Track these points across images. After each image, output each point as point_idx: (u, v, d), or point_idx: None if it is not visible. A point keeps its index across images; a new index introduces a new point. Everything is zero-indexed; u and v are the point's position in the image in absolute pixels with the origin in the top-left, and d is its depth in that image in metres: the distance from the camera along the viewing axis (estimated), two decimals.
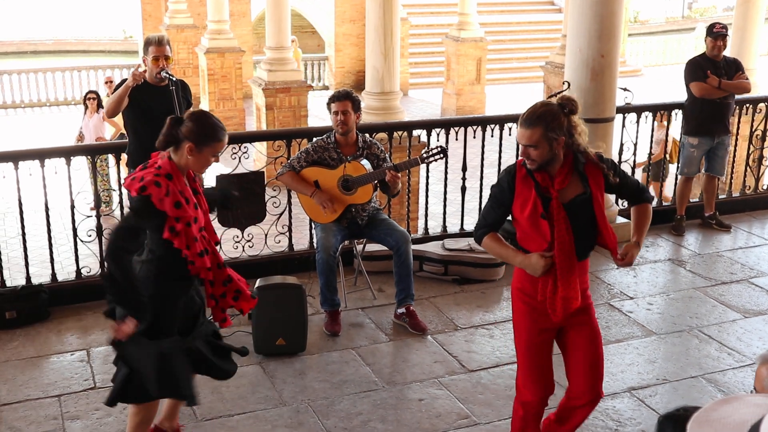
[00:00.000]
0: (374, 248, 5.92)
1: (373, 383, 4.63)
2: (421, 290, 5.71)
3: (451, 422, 4.26)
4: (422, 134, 7.16)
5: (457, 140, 6.44)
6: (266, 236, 6.13)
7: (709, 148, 7.01)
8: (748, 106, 7.63)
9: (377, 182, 5.28)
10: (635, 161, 7.25)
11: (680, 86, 7.16)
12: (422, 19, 21.37)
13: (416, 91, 19.84)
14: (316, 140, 5.45)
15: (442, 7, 21.74)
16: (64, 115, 18.13)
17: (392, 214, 6.44)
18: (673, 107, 7.28)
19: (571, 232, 3.36)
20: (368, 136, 5.61)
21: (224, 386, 4.50)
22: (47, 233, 5.58)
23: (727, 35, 6.93)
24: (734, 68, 6.93)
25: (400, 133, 6.83)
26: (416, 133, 7.31)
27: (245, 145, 6.20)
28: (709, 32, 6.94)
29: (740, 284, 6.06)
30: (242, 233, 5.97)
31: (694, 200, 7.50)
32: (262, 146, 9.45)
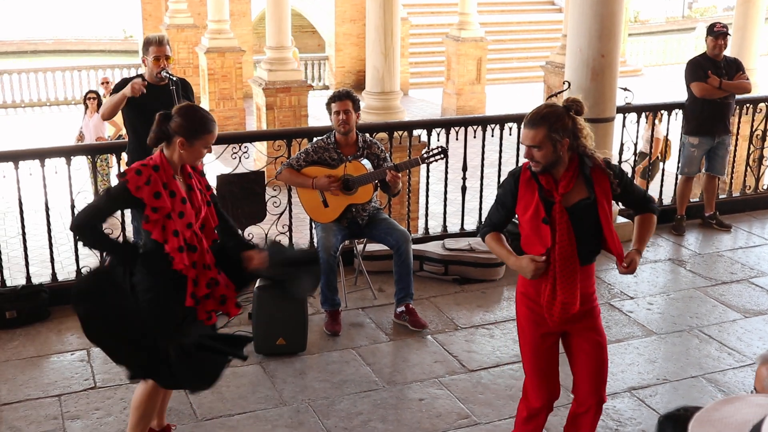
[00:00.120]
0: (374, 248, 5.92)
1: (373, 383, 4.63)
2: (421, 290, 5.71)
3: (451, 422, 4.26)
4: (422, 134, 7.16)
5: (457, 140, 6.44)
6: (266, 236, 6.11)
7: (709, 147, 7.01)
8: (748, 106, 7.63)
9: (378, 182, 5.28)
10: (636, 161, 7.25)
11: (680, 86, 7.16)
12: (422, 18, 21.37)
13: (416, 90, 19.85)
14: (316, 140, 5.45)
15: (442, 6, 21.74)
16: (64, 114, 18.13)
17: (392, 213, 6.43)
18: (673, 107, 7.27)
19: (573, 236, 3.33)
20: (368, 135, 5.60)
21: (224, 386, 4.50)
22: (47, 233, 5.58)
23: (728, 34, 6.93)
24: (735, 68, 6.93)
25: (400, 132, 6.83)
26: (416, 132, 7.31)
27: (245, 144, 6.20)
28: (709, 32, 6.94)
29: (740, 284, 6.06)
30: (242, 233, 5.96)
31: (694, 200, 7.50)
32: (262, 146, 9.45)
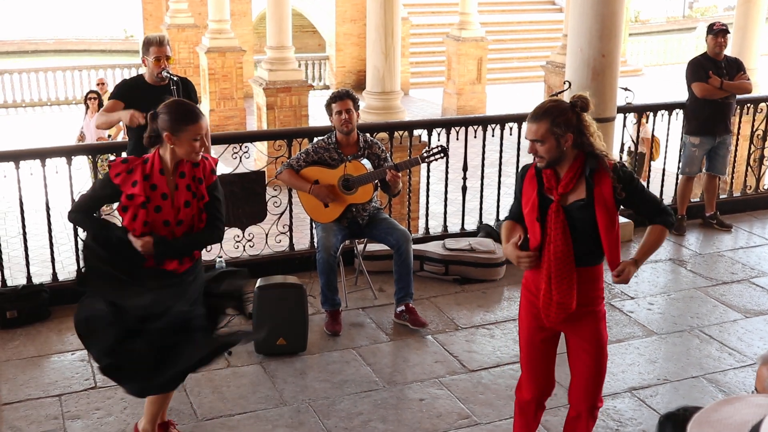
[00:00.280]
0: (375, 248, 5.92)
1: (373, 383, 4.63)
2: (421, 290, 5.71)
3: (451, 422, 4.26)
4: (423, 134, 7.16)
5: (458, 140, 6.44)
6: (267, 236, 6.13)
7: (710, 147, 7.01)
8: (749, 105, 7.62)
9: (378, 182, 5.27)
10: (636, 161, 7.24)
11: (681, 86, 7.15)
12: (423, 18, 21.37)
13: (417, 90, 19.85)
14: (316, 141, 5.44)
15: (443, 6, 21.73)
16: (65, 114, 18.13)
17: (393, 213, 6.43)
18: (674, 107, 7.27)
19: (569, 237, 3.29)
20: (369, 135, 5.60)
21: (225, 386, 4.51)
22: (48, 233, 5.58)
23: (727, 32, 6.93)
24: (735, 68, 6.93)
25: (400, 132, 6.82)
26: (417, 132, 7.31)
27: (246, 144, 6.20)
28: (709, 30, 6.97)
29: (741, 284, 6.06)
30: (243, 233, 5.97)
31: (694, 200, 7.49)
32: (262, 146, 9.44)
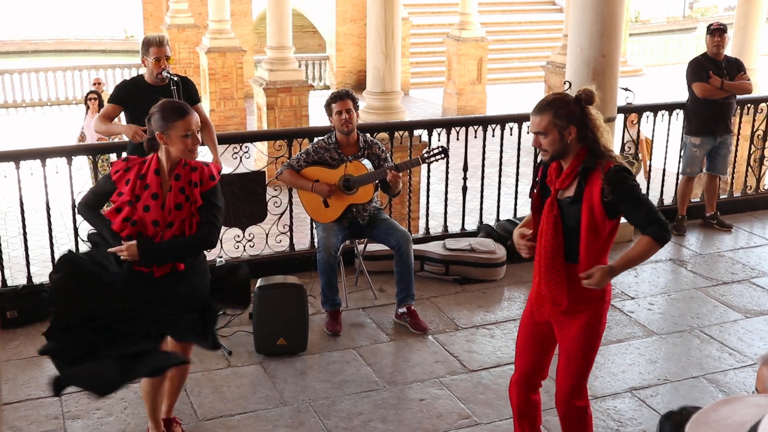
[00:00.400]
0: (375, 248, 5.92)
1: (374, 383, 4.63)
2: (422, 290, 5.71)
3: (452, 422, 4.26)
4: (423, 134, 7.16)
5: (458, 140, 6.44)
6: (267, 236, 6.13)
7: (711, 147, 7.01)
8: (749, 106, 7.62)
9: (378, 182, 5.27)
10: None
11: (681, 86, 7.16)
12: (423, 18, 21.37)
13: (417, 90, 19.84)
14: (316, 141, 5.45)
15: (443, 6, 21.73)
16: (65, 114, 18.12)
17: (393, 213, 6.43)
18: (674, 107, 7.27)
19: (560, 231, 3.28)
20: (369, 135, 5.60)
21: (225, 386, 4.51)
22: (48, 233, 5.58)
23: (724, 31, 6.95)
24: (736, 68, 6.94)
25: (401, 132, 6.82)
26: (417, 132, 7.31)
27: (246, 144, 6.20)
28: (707, 30, 7.02)
29: (741, 284, 6.06)
30: (243, 233, 5.97)
31: (695, 200, 7.49)
32: (263, 146, 9.43)
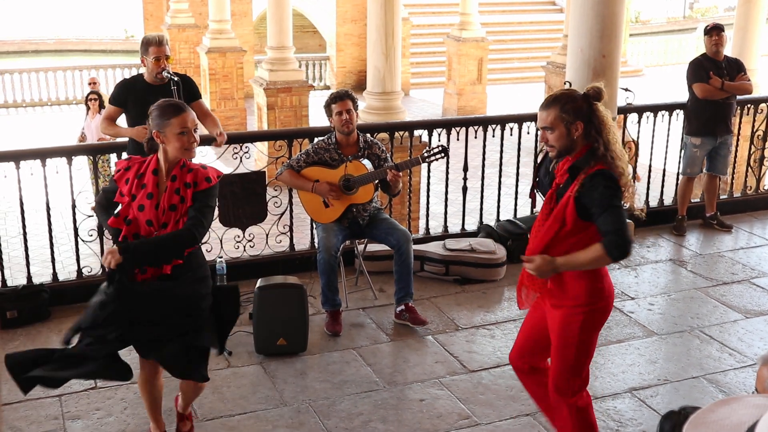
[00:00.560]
0: (375, 248, 5.92)
1: (374, 383, 4.63)
2: (422, 290, 5.71)
3: (452, 422, 4.26)
4: (423, 134, 7.16)
5: (458, 140, 6.44)
6: (267, 236, 6.13)
7: (711, 147, 7.01)
8: (749, 106, 7.62)
9: (378, 182, 5.27)
10: (636, 162, 7.23)
11: (682, 86, 7.16)
12: (424, 18, 21.37)
13: (417, 91, 19.84)
14: (316, 141, 5.45)
15: (443, 6, 21.73)
16: (65, 114, 18.13)
17: (393, 213, 6.43)
18: (674, 107, 7.27)
19: (549, 223, 3.32)
20: (369, 135, 5.60)
21: (225, 386, 4.51)
22: (48, 233, 5.58)
23: (722, 30, 6.95)
24: (736, 68, 6.94)
25: (401, 133, 6.83)
26: (417, 133, 7.31)
27: (246, 145, 6.20)
28: (704, 32, 7.03)
29: (741, 285, 6.06)
30: (243, 233, 5.97)
31: (695, 200, 7.49)
32: (263, 146, 9.42)
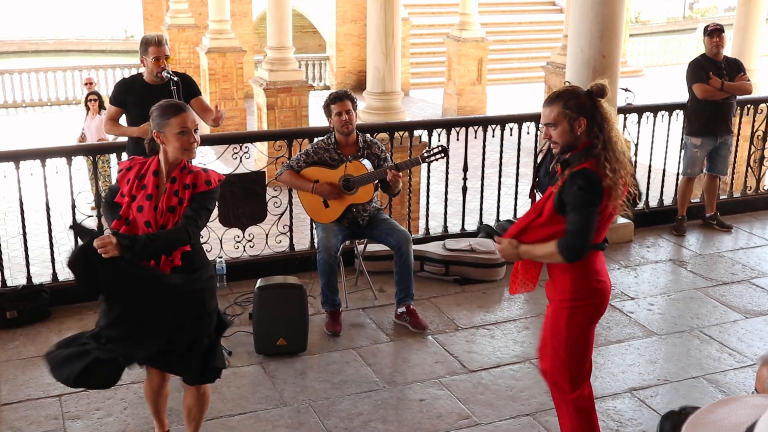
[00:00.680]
0: (375, 248, 5.92)
1: (373, 383, 4.63)
2: (421, 290, 5.71)
3: (452, 422, 4.26)
4: (423, 134, 7.16)
5: (458, 140, 6.44)
6: (267, 236, 6.13)
7: (712, 148, 7.01)
8: (749, 106, 7.62)
9: (378, 182, 5.27)
10: (636, 162, 7.23)
11: (681, 87, 7.16)
12: (423, 19, 21.37)
13: (417, 91, 19.84)
14: (316, 141, 5.45)
15: (443, 7, 21.73)
16: (65, 114, 18.13)
17: (393, 214, 6.43)
18: (674, 108, 7.27)
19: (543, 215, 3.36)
20: (368, 135, 5.60)
21: (225, 386, 4.50)
22: (48, 233, 5.58)
23: (722, 31, 6.95)
24: (735, 69, 6.94)
25: (401, 133, 6.83)
26: (417, 133, 7.31)
27: (246, 145, 6.21)
28: (705, 32, 7.03)
29: (741, 285, 6.06)
30: (243, 233, 5.97)
31: (695, 200, 7.49)
32: (263, 146, 9.44)
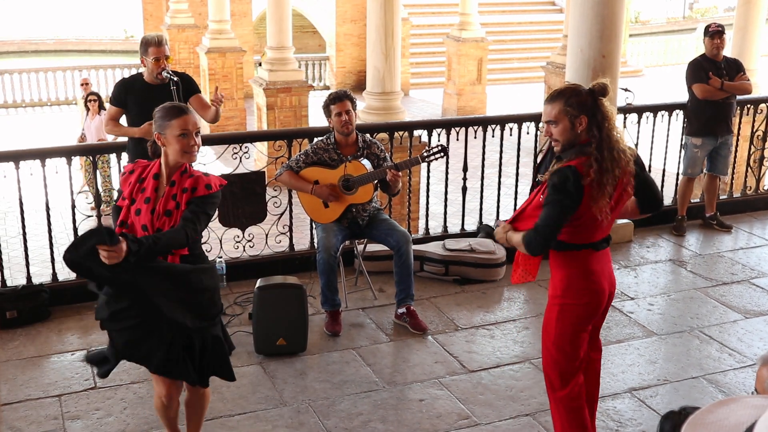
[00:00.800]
0: (375, 248, 5.92)
1: (373, 383, 4.63)
2: (421, 290, 5.71)
3: (451, 423, 4.26)
4: (423, 134, 7.16)
5: (458, 140, 6.44)
6: (267, 236, 6.13)
7: (712, 148, 7.01)
8: (749, 106, 7.62)
9: (378, 182, 5.27)
10: None
11: (681, 87, 7.16)
12: (423, 19, 21.37)
13: (417, 91, 19.85)
14: (315, 141, 5.45)
15: (443, 7, 21.74)
16: (65, 114, 18.14)
17: (393, 214, 6.43)
18: (674, 108, 7.27)
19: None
20: (368, 135, 5.60)
21: (225, 386, 4.50)
22: (48, 233, 5.58)
23: (723, 33, 6.94)
24: (735, 69, 6.94)
25: (401, 133, 6.82)
26: (417, 133, 7.31)
27: (246, 145, 6.20)
28: (705, 33, 7.01)
29: (741, 285, 6.06)
30: (243, 233, 5.97)
31: (695, 200, 7.49)
32: (263, 146, 9.44)
